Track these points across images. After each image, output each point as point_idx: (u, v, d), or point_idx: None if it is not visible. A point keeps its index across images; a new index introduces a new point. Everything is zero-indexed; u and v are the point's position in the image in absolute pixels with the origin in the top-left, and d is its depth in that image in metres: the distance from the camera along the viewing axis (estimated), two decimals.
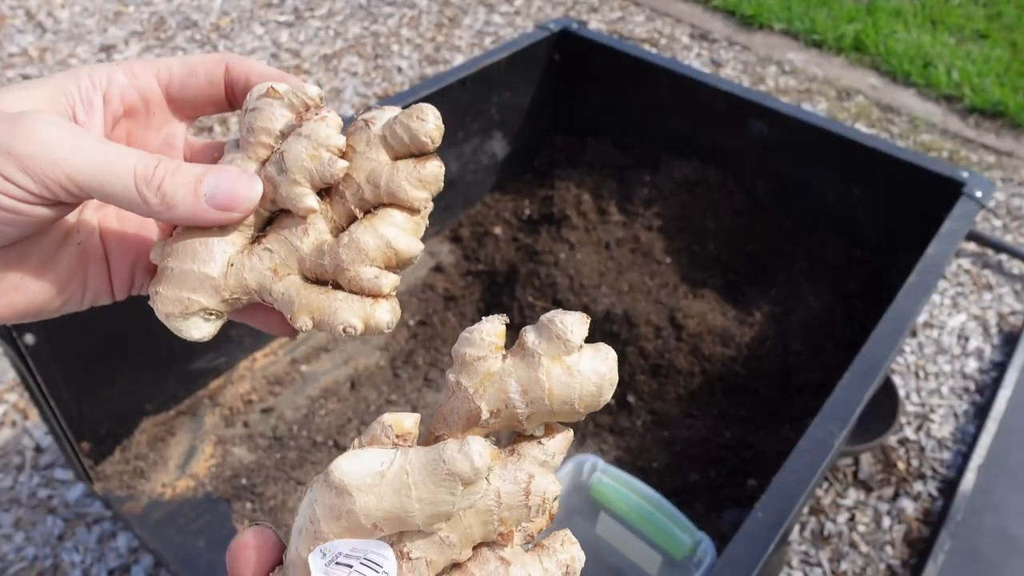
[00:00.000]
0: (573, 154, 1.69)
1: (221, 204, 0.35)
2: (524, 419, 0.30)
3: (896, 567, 1.32)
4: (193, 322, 0.37)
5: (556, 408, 0.30)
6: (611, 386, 0.30)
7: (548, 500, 0.30)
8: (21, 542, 1.29)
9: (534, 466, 0.30)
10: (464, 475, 0.27)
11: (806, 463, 0.82)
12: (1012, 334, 1.74)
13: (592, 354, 0.30)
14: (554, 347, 0.30)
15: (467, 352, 0.31)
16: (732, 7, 2.89)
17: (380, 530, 0.28)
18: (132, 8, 2.74)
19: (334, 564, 0.28)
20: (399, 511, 0.28)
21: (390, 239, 0.37)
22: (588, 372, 0.30)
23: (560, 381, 0.30)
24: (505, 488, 0.30)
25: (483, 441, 0.28)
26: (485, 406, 0.30)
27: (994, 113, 2.43)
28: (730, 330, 1.38)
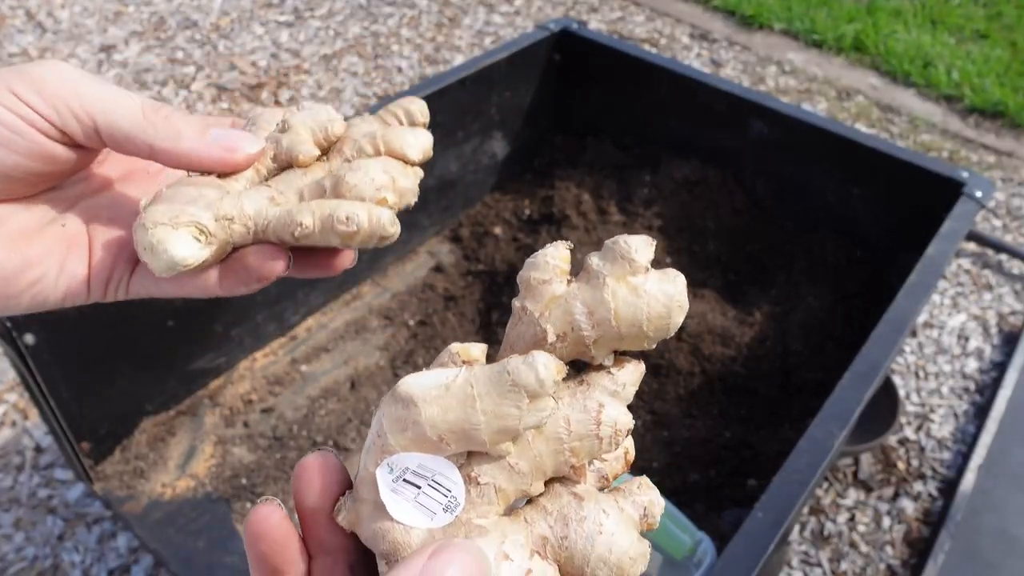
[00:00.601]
0: (573, 154, 1.69)
1: (226, 144, 0.36)
2: (591, 343, 0.29)
3: (896, 567, 1.32)
4: (181, 235, 0.35)
5: (624, 331, 0.29)
6: (680, 309, 0.29)
7: (620, 431, 0.29)
8: (21, 542, 1.29)
9: (604, 395, 0.30)
10: (529, 386, 0.27)
11: (806, 463, 0.82)
12: (1012, 334, 1.74)
13: (659, 276, 0.29)
14: (619, 267, 0.29)
15: (532, 276, 0.30)
16: (732, 7, 2.89)
17: (447, 444, 0.28)
18: (132, 8, 2.74)
19: (402, 480, 0.28)
20: (464, 423, 0.28)
21: (394, 173, 0.38)
22: (655, 292, 0.29)
23: (626, 301, 0.29)
24: (575, 416, 0.29)
25: (548, 355, 0.28)
26: (551, 328, 0.29)
27: (994, 113, 2.43)
28: (730, 330, 1.38)
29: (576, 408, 0.29)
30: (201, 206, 0.35)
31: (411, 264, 1.56)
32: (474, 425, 0.28)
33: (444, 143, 1.50)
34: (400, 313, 1.47)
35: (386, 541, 0.28)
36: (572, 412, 0.29)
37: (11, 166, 0.33)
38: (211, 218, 0.35)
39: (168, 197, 0.36)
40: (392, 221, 0.37)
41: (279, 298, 1.35)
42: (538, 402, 0.27)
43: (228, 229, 0.36)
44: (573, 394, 0.30)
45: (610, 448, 0.29)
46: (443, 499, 0.28)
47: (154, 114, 0.35)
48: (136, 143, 0.34)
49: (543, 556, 0.28)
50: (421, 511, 0.28)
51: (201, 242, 0.35)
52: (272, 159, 0.38)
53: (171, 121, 0.35)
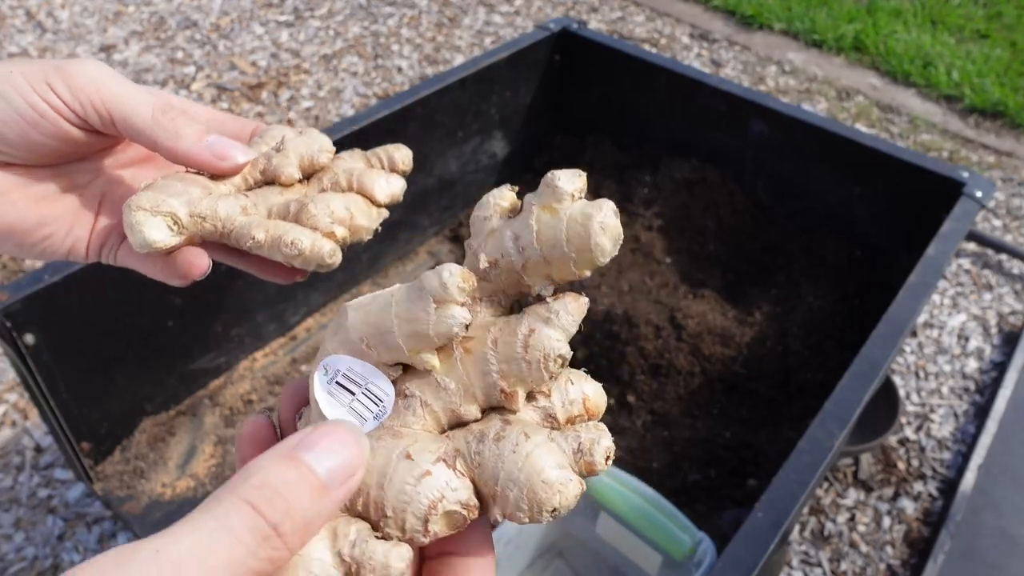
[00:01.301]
0: (573, 154, 1.69)
1: (218, 152, 0.41)
2: (520, 269, 0.30)
3: (896, 567, 1.32)
4: (157, 222, 0.39)
5: (547, 253, 0.29)
6: (602, 230, 0.29)
7: (550, 356, 0.29)
8: (21, 542, 1.29)
9: (536, 321, 0.29)
10: (434, 290, 0.28)
11: (806, 463, 0.82)
12: (1012, 334, 1.74)
13: (584, 201, 0.30)
14: (545, 197, 0.30)
15: (476, 214, 0.32)
16: (732, 7, 2.89)
17: (368, 348, 0.30)
18: (132, 8, 2.74)
19: (335, 383, 0.30)
20: (379, 325, 0.29)
21: (353, 210, 0.42)
22: (574, 213, 0.29)
23: (547, 224, 0.29)
24: (503, 337, 0.29)
25: (457, 265, 0.29)
26: (483, 256, 0.31)
27: (994, 113, 2.43)
28: (730, 330, 1.38)
29: (506, 331, 0.29)
30: (183, 200, 0.40)
31: (411, 264, 1.56)
32: (388, 328, 0.29)
33: (444, 143, 1.50)
34: None
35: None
36: (501, 334, 0.29)
37: (38, 143, 0.39)
38: (187, 213, 0.40)
39: (159, 187, 0.40)
40: (331, 253, 0.41)
41: (279, 298, 1.35)
42: (445, 308, 0.28)
43: (199, 224, 0.40)
44: (507, 322, 0.30)
45: (541, 375, 0.29)
46: (375, 407, 0.30)
47: (162, 115, 0.40)
48: (144, 138, 0.40)
49: (450, 466, 0.28)
50: (354, 416, 0.30)
51: (173, 231, 0.40)
52: (261, 172, 0.43)
53: (176, 123, 0.40)
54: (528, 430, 0.28)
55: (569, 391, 0.30)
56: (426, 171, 1.49)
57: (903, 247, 1.35)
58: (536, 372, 0.29)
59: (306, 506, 0.24)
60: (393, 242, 1.52)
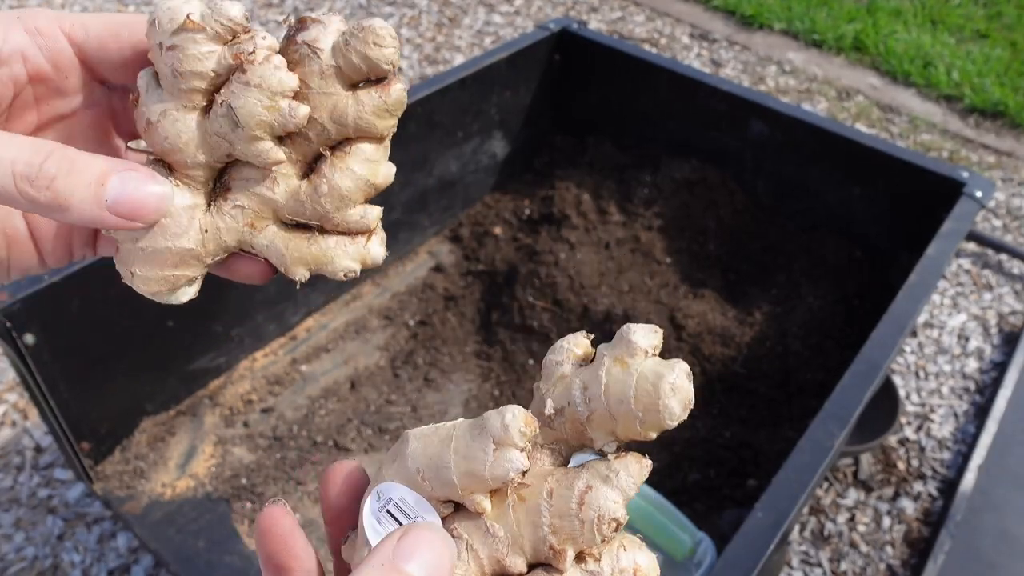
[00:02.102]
0: (573, 154, 1.69)
1: (125, 212, 0.30)
2: (585, 421, 0.29)
3: (896, 567, 1.32)
4: (181, 292, 0.37)
5: (613, 408, 0.29)
6: (673, 392, 0.28)
7: (605, 519, 0.28)
8: (21, 542, 1.29)
9: (595, 479, 0.29)
10: (495, 430, 0.28)
11: (806, 463, 0.82)
12: (1012, 334, 1.74)
13: (657, 359, 0.29)
14: (619, 350, 0.30)
15: (549, 358, 0.32)
16: (732, 7, 2.89)
17: (423, 480, 0.29)
18: (132, 8, 2.74)
19: (385, 512, 0.30)
20: (437, 459, 0.29)
21: (368, 176, 0.35)
22: (646, 371, 0.29)
23: (617, 378, 0.29)
24: (559, 491, 0.29)
25: (521, 408, 0.29)
26: (550, 402, 0.30)
27: (994, 113, 2.43)
28: (730, 330, 1.38)
29: (562, 484, 0.29)
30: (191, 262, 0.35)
31: (411, 264, 1.56)
32: (445, 463, 0.29)
33: (444, 143, 1.50)
34: (400, 313, 1.47)
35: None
36: (557, 487, 0.29)
37: None
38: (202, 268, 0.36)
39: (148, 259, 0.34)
40: (384, 252, 0.37)
41: (279, 298, 1.35)
42: (504, 451, 0.28)
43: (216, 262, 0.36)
44: (566, 474, 0.29)
45: (593, 536, 0.28)
46: None
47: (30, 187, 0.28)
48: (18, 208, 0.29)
49: None
50: None
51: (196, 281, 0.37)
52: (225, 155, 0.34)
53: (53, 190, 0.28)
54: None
55: (621, 558, 0.29)
56: (426, 171, 1.49)
57: (903, 247, 1.35)
58: (588, 532, 0.28)
59: None
60: (393, 242, 1.52)
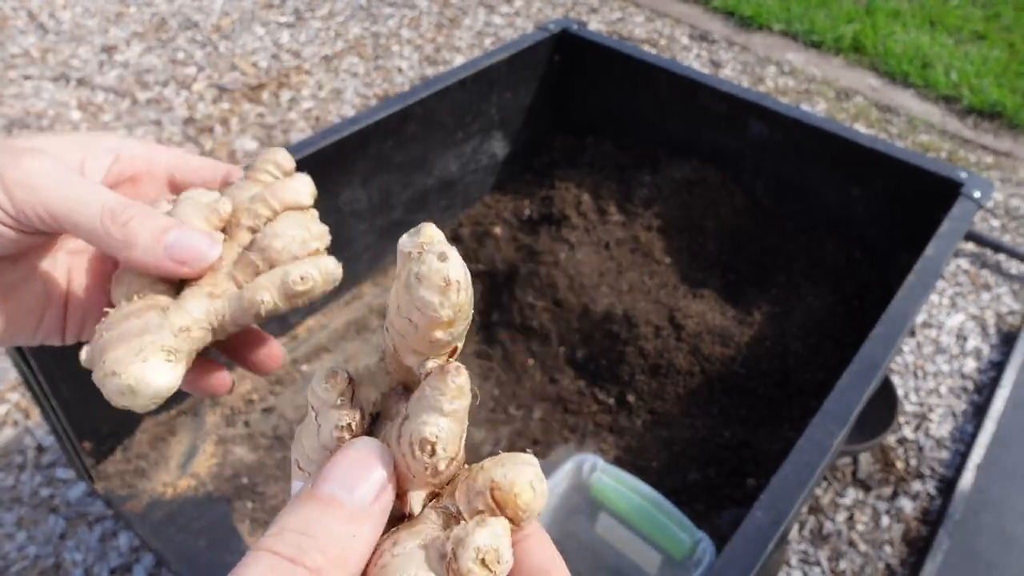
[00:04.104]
0: (573, 154, 1.70)
1: (178, 257, 0.36)
2: (393, 352, 0.27)
3: (895, 566, 1.33)
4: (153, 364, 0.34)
5: (395, 325, 0.26)
6: (419, 281, 0.24)
7: (417, 444, 0.25)
8: (23, 541, 1.29)
9: (413, 405, 0.26)
10: (310, 399, 0.28)
11: (805, 462, 0.83)
12: (1010, 334, 1.74)
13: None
14: (399, 265, 0.27)
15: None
16: (731, 8, 2.90)
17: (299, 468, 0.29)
18: (133, 9, 2.74)
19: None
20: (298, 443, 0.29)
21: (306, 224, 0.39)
22: (401, 272, 0.26)
23: (392, 294, 0.26)
24: (389, 431, 0.27)
25: (326, 369, 0.28)
26: (380, 345, 0.29)
27: (992, 113, 2.44)
28: (730, 330, 1.38)
29: (395, 424, 0.27)
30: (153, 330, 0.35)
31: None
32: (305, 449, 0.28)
33: (444, 143, 1.50)
34: None
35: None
36: (391, 430, 0.27)
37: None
38: (171, 336, 0.35)
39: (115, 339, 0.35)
40: (337, 264, 0.38)
41: None
42: (324, 416, 0.27)
43: (189, 338, 0.36)
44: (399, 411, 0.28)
45: (421, 469, 0.25)
46: None
47: (111, 222, 0.35)
48: (93, 242, 0.36)
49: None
50: None
51: (173, 362, 0.35)
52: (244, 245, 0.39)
53: (128, 229, 0.35)
54: (403, 536, 0.24)
55: (476, 480, 0.25)
56: (426, 171, 1.50)
57: (902, 247, 1.35)
58: (414, 466, 0.24)
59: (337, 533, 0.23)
60: (393, 242, 1.52)
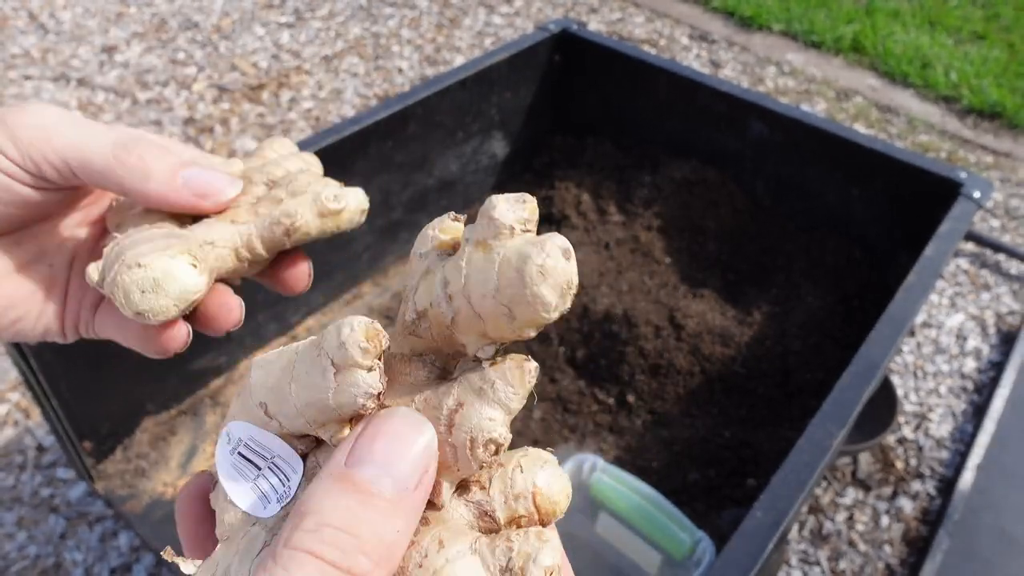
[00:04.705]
0: (573, 154, 1.70)
1: (199, 190, 0.35)
2: (451, 323, 0.23)
3: (895, 566, 1.33)
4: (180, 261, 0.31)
5: (477, 305, 0.23)
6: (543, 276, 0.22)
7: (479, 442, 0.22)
8: (23, 541, 1.29)
9: (468, 393, 0.23)
10: (331, 350, 0.22)
11: (805, 462, 0.83)
12: (1010, 334, 1.74)
13: (528, 237, 0.23)
14: (480, 231, 0.23)
15: (413, 251, 0.27)
16: (731, 8, 2.90)
17: (268, 415, 0.24)
18: (134, 9, 2.74)
19: (237, 453, 0.25)
20: (278, 388, 0.24)
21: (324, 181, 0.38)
22: (510, 254, 0.22)
23: (477, 267, 0.23)
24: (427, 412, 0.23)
25: (362, 319, 0.23)
26: (412, 304, 0.24)
27: (992, 114, 2.44)
28: (730, 330, 1.38)
29: (430, 404, 0.23)
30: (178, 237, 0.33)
31: None
32: (285, 393, 0.23)
33: (444, 143, 1.50)
34: None
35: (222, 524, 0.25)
36: (425, 407, 0.24)
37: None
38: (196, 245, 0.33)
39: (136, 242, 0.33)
40: (366, 196, 0.37)
41: (279, 298, 1.35)
42: (348, 373, 0.22)
43: (214, 252, 0.34)
44: (435, 391, 0.24)
45: (468, 464, 0.23)
46: (280, 487, 0.24)
47: (125, 152, 0.33)
48: (108, 182, 0.34)
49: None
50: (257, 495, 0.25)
51: (198, 268, 0.32)
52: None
53: (143, 160, 0.34)
54: (445, 535, 0.22)
55: (515, 482, 0.23)
56: (426, 171, 1.50)
57: (902, 247, 1.35)
58: (463, 460, 0.23)
59: (380, 531, 0.21)
60: (393, 242, 1.53)
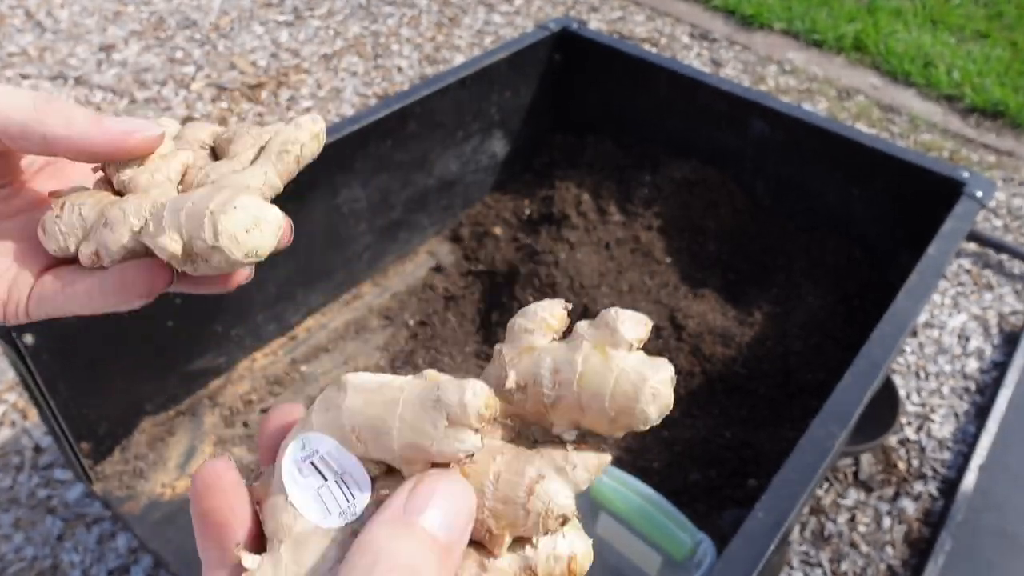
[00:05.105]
0: (573, 154, 1.69)
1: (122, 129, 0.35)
2: (550, 405, 0.27)
3: (897, 567, 1.32)
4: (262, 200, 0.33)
5: (585, 400, 0.26)
6: (654, 399, 0.26)
7: (553, 512, 0.26)
8: (20, 542, 1.29)
9: (549, 468, 0.27)
10: (451, 407, 0.25)
11: (806, 463, 0.82)
12: (1013, 334, 1.74)
13: (643, 357, 0.27)
14: (602, 335, 0.27)
15: (518, 323, 0.29)
16: (732, 7, 2.89)
17: (358, 440, 0.27)
18: (132, 7, 2.74)
19: (309, 463, 0.27)
20: (379, 422, 0.26)
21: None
22: (629, 368, 0.26)
23: (595, 369, 0.26)
24: (506, 475, 0.26)
25: (484, 385, 0.26)
26: (514, 375, 0.27)
27: (994, 113, 2.43)
28: (730, 330, 1.38)
29: (512, 468, 0.26)
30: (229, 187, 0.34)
31: (411, 264, 1.56)
32: (387, 428, 0.26)
33: (444, 143, 1.50)
34: (400, 313, 1.47)
35: (274, 518, 0.27)
36: (505, 470, 0.26)
37: None
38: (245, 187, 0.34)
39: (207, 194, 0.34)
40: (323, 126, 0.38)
41: (279, 298, 1.35)
42: (458, 430, 0.25)
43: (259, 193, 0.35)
44: (517, 456, 0.27)
45: (537, 529, 0.26)
46: (344, 503, 0.27)
47: (46, 105, 0.34)
48: (30, 135, 0.34)
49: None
50: (318, 504, 0.27)
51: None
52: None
53: (65, 109, 0.34)
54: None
55: (557, 546, 0.27)
56: (426, 171, 1.49)
57: (903, 247, 1.35)
58: (533, 523, 0.26)
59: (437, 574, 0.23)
60: (393, 242, 1.52)
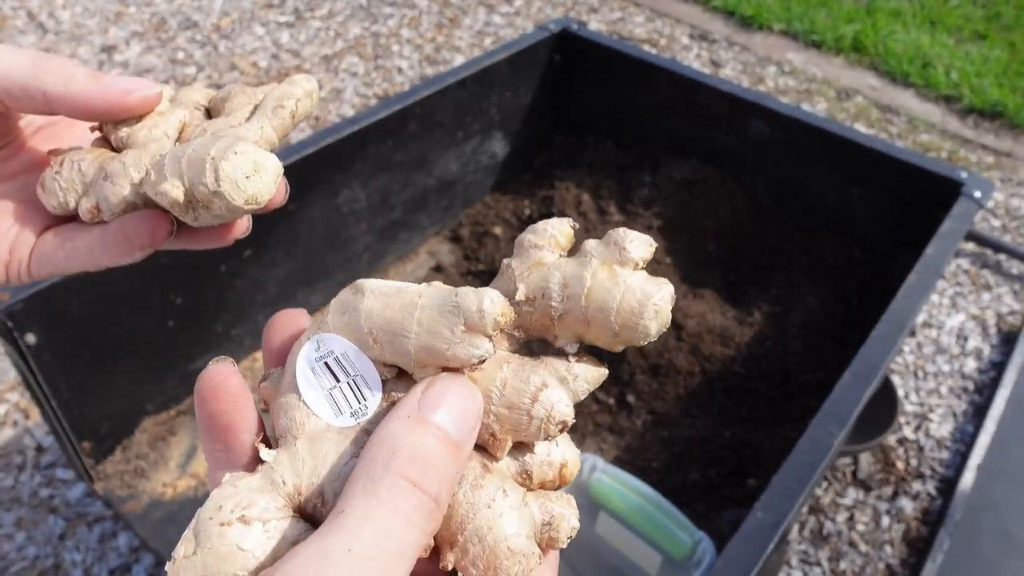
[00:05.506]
0: (573, 154, 1.70)
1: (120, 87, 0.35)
2: (556, 317, 0.28)
3: (895, 566, 1.32)
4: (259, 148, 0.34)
5: (591, 314, 0.28)
6: (655, 315, 0.27)
7: (554, 419, 0.27)
8: (22, 541, 1.29)
9: (552, 377, 0.28)
10: (469, 313, 0.26)
11: (805, 463, 0.83)
12: (1011, 334, 1.74)
13: (647, 276, 0.28)
14: (609, 253, 0.29)
15: (527, 238, 0.30)
16: (732, 8, 2.90)
17: (375, 342, 0.27)
18: (133, 8, 2.74)
19: (323, 364, 0.28)
20: (396, 325, 0.27)
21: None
22: (635, 286, 0.28)
23: (602, 285, 0.28)
24: (513, 382, 0.27)
25: (500, 296, 0.27)
26: (523, 287, 0.29)
27: (993, 113, 2.44)
28: (730, 330, 1.38)
29: (517, 376, 0.28)
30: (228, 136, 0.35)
31: (411, 264, 1.57)
32: (404, 331, 0.27)
33: (444, 143, 1.50)
34: None
35: (286, 416, 0.27)
36: (511, 378, 0.28)
37: None
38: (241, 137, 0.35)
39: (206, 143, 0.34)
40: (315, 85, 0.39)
41: (279, 298, 1.35)
42: (473, 336, 0.26)
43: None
44: (522, 365, 0.28)
45: (539, 434, 0.27)
46: (355, 403, 0.27)
47: (46, 62, 0.34)
48: (31, 93, 0.34)
49: None
50: (329, 404, 0.27)
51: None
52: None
53: (64, 67, 0.34)
54: (508, 487, 0.27)
55: (551, 452, 0.29)
56: (426, 171, 1.50)
57: (902, 247, 1.35)
58: (535, 429, 0.27)
59: (451, 469, 0.24)
60: (393, 242, 1.52)
